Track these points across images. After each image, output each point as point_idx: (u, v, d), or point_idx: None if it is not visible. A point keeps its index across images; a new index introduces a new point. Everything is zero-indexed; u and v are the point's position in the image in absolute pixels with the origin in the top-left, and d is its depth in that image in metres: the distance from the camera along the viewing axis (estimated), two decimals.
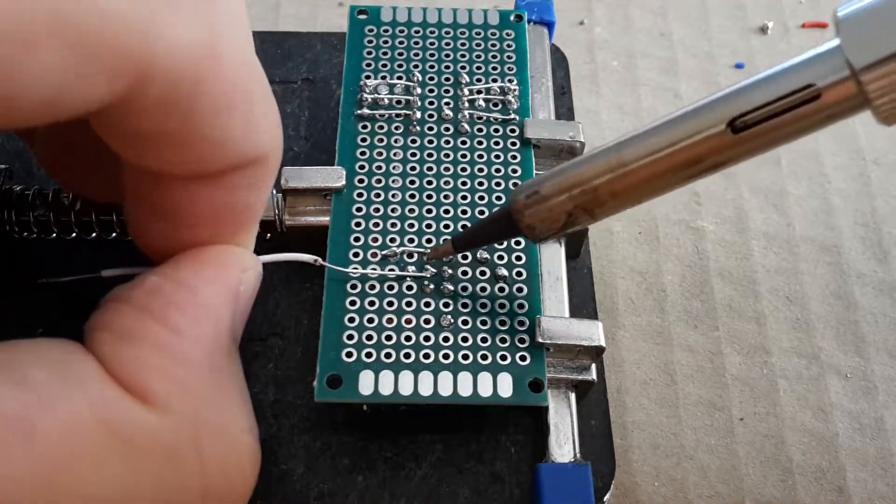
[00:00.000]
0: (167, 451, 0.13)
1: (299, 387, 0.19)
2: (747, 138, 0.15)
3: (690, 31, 0.31)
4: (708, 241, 0.26)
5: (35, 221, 0.20)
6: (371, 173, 0.21)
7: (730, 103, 0.15)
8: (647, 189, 0.16)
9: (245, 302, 0.16)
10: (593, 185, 0.16)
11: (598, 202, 0.17)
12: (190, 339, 0.14)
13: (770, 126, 0.14)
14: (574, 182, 0.17)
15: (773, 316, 0.24)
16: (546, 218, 0.17)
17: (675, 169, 0.15)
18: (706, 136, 0.15)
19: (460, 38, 0.23)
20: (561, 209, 0.17)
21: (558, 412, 0.18)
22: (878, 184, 0.27)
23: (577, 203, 0.17)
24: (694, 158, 0.15)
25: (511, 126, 0.22)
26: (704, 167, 0.15)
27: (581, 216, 0.17)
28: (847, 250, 0.26)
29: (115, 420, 0.13)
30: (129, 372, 0.14)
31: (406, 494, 0.18)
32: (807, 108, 0.14)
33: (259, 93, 0.15)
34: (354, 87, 0.22)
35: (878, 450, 0.22)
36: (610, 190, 0.16)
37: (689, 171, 0.15)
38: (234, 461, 0.15)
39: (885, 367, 0.24)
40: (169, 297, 0.15)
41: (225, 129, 0.14)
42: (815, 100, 0.14)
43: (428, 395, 0.18)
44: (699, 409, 0.23)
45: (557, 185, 0.17)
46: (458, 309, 0.19)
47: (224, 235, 0.16)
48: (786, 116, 0.14)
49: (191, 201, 0.15)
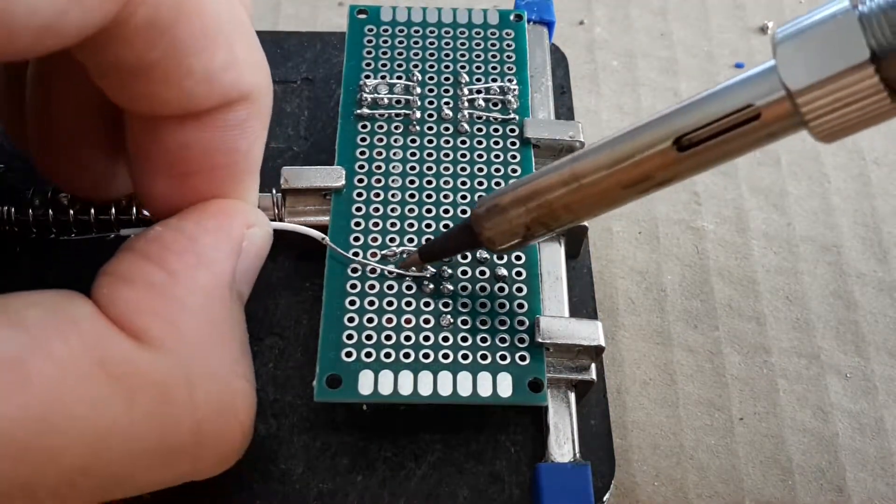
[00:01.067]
0: (159, 387, 0.14)
1: (299, 387, 0.19)
2: (692, 155, 0.15)
3: (690, 31, 0.31)
4: (708, 241, 0.26)
5: (34, 221, 0.20)
6: (371, 173, 0.21)
7: (675, 121, 0.15)
8: (600, 203, 0.16)
9: (251, 260, 0.17)
10: (548, 199, 0.17)
11: (553, 216, 0.17)
12: (185, 282, 0.15)
13: (713, 144, 0.15)
14: (530, 195, 0.17)
15: (773, 316, 0.24)
16: (506, 231, 0.17)
17: (624, 184, 0.16)
18: (652, 154, 0.15)
19: (460, 38, 0.23)
20: (519, 222, 0.17)
21: (558, 412, 0.18)
22: (878, 184, 0.27)
23: (533, 216, 0.17)
24: (642, 175, 0.15)
25: (511, 126, 0.22)
26: (653, 183, 0.16)
27: (538, 229, 0.17)
28: (847, 250, 0.26)
29: (109, 358, 0.13)
30: (123, 311, 0.14)
31: (406, 494, 0.18)
32: (747, 126, 0.14)
33: (240, 30, 0.15)
34: (354, 86, 0.22)
35: (878, 450, 0.22)
36: (564, 204, 0.17)
37: (638, 186, 0.16)
38: (226, 404, 0.15)
39: (885, 367, 0.24)
40: (168, 244, 0.15)
41: (207, 62, 0.14)
42: (755, 119, 0.14)
43: (427, 395, 0.18)
44: (699, 409, 0.23)
45: (515, 199, 0.17)
46: (458, 309, 0.19)
47: (222, 187, 0.16)
48: (728, 135, 0.14)
49: (183, 145, 0.16)
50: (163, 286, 0.14)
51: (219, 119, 0.15)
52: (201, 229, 0.16)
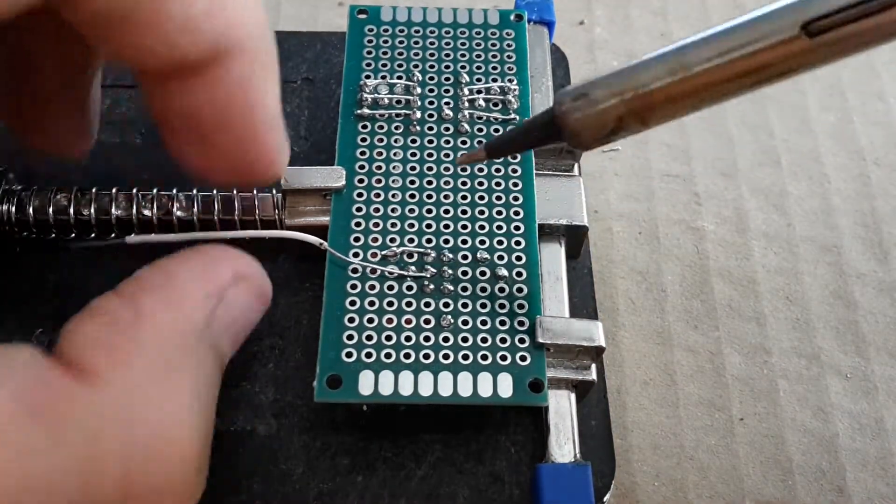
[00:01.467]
0: (90, 426, 0.13)
1: (299, 387, 0.19)
2: (823, 44, 0.14)
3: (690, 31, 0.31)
4: (708, 241, 0.26)
5: (34, 221, 0.20)
6: (371, 173, 0.21)
7: (805, 5, 0.14)
8: (708, 96, 0.15)
9: (235, 312, 0.16)
10: (650, 89, 0.15)
11: (651, 108, 0.15)
12: (148, 321, 0.14)
13: (849, 32, 0.13)
14: (628, 85, 0.15)
15: (773, 316, 0.24)
16: (594, 123, 0.16)
17: (740, 75, 0.15)
18: (778, 41, 0.14)
19: (460, 38, 0.23)
20: (611, 114, 0.16)
21: (558, 412, 0.18)
22: (878, 184, 0.27)
23: (629, 107, 0.16)
24: (762, 64, 0.14)
25: (511, 126, 0.22)
26: (772, 73, 0.14)
27: (632, 122, 0.16)
28: (847, 250, 0.26)
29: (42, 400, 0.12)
30: (75, 345, 0.13)
31: (406, 494, 0.18)
32: (892, 12, 0.13)
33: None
34: (354, 86, 0.22)
35: (878, 450, 0.22)
36: (667, 94, 0.15)
37: (755, 77, 0.14)
38: (161, 456, 0.14)
39: (885, 367, 0.24)
40: (143, 281, 0.15)
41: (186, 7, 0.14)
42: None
43: (428, 396, 0.18)
44: (699, 409, 0.23)
45: (609, 88, 0.16)
46: (458, 309, 0.19)
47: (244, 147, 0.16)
48: (868, 22, 0.13)
49: (189, 105, 0.15)
50: (124, 323, 0.14)
51: (215, 75, 0.15)
52: (182, 270, 0.15)
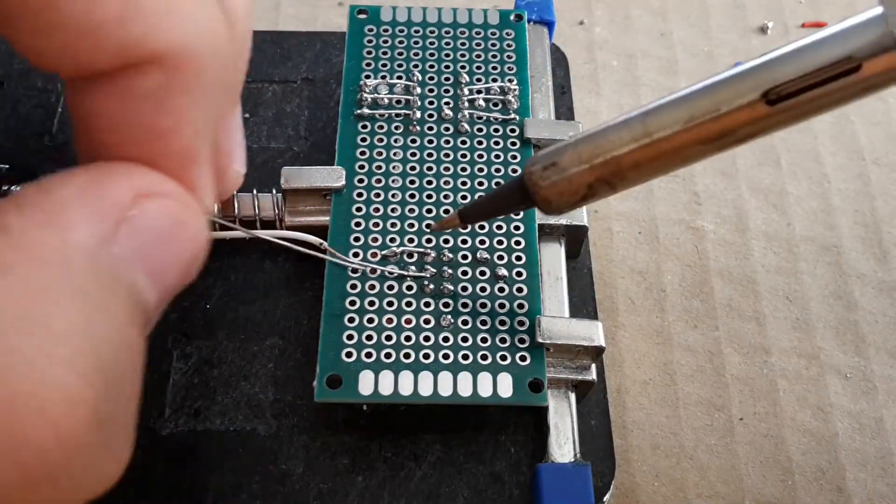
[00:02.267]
0: None
1: (299, 387, 0.19)
2: (782, 110, 0.14)
3: (690, 31, 0.31)
4: (708, 241, 0.26)
5: None
6: (371, 173, 0.21)
7: (764, 73, 0.14)
8: (673, 161, 0.15)
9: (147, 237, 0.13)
10: (615, 156, 0.15)
11: (619, 174, 0.16)
12: (16, 240, 0.12)
13: (806, 98, 0.14)
14: (595, 152, 0.16)
15: (773, 316, 0.24)
16: (565, 190, 0.16)
17: (703, 140, 0.15)
18: (739, 107, 0.14)
19: (460, 38, 0.23)
20: (581, 181, 0.16)
21: (558, 412, 0.18)
22: (878, 184, 0.27)
23: (597, 175, 0.16)
24: (725, 130, 0.15)
25: (511, 126, 0.22)
26: (734, 139, 0.15)
27: (602, 188, 0.16)
28: (847, 250, 0.26)
29: None
30: None
31: (406, 494, 0.18)
32: (845, 80, 0.13)
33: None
34: (354, 86, 0.22)
35: (878, 450, 0.22)
36: (633, 161, 0.15)
37: (718, 142, 0.15)
38: (29, 391, 0.11)
39: (885, 367, 0.24)
40: (21, 197, 0.12)
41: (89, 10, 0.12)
42: (854, 71, 0.13)
43: (428, 396, 0.18)
44: (699, 409, 0.23)
45: (577, 155, 0.16)
46: (458, 309, 0.19)
47: None
48: (823, 88, 0.14)
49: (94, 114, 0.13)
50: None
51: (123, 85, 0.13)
52: (63, 185, 0.12)
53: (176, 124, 0.13)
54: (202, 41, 0.13)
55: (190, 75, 0.13)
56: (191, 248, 0.14)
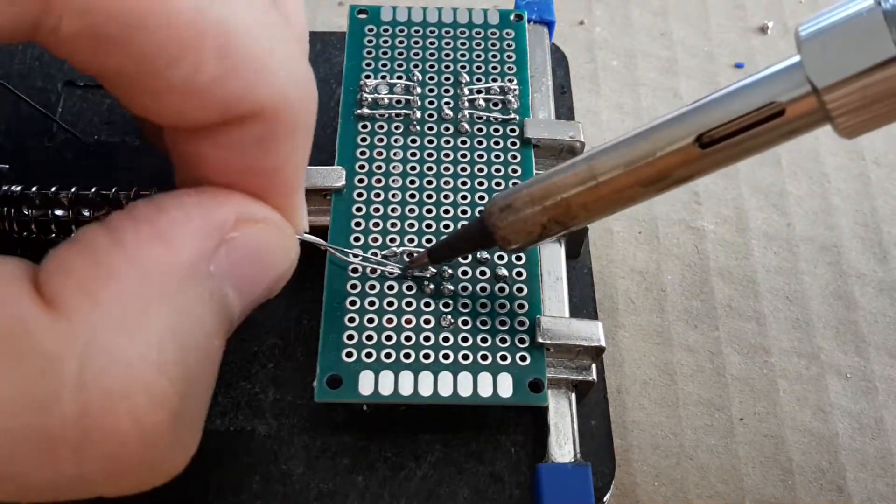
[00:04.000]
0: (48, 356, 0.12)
1: (299, 387, 0.19)
2: (714, 153, 0.15)
3: (690, 31, 0.31)
4: (708, 241, 0.26)
5: (34, 221, 0.20)
6: (371, 173, 0.21)
7: (696, 119, 0.15)
8: (618, 202, 0.16)
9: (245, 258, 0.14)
10: (565, 198, 0.17)
11: (570, 214, 0.17)
12: (128, 252, 0.13)
13: (736, 141, 0.15)
14: (546, 193, 0.17)
15: (773, 316, 0.24)
16: (521, 230, 0.17)
17: (643, 182, 0.16)
18: (674, 151, 0.15)
19: (460, 38, 0.23)
20: (535, 221, 0.17)
21: (558, 412, 0.18)
22: (878, 184, 0.27)
23: (550, 215, 0.17)
24: (662, 172, 0.16)
25: (511, 126, 0.22)
26: (672, 181, 0.16)
27: (554, 227, 0.17)
28: (847, 250, 0.26)
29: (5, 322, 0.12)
30: (49, 272, 0.13)
31: (406, 494, 0.18)
32: (771, 123, 0.14)
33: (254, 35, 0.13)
34: (354, 86, 0.22)
35: (878, 450, 0.22)
36: (581, 202, 0.17)
37: (657, 184, 0.16)
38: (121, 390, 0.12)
39: (885, 367, 0.24)
40: (134, 212, 0.14)
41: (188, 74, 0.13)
42: (779, 115, 0.14)
43: (428, 396, 0.18)
44: (699, 409, 0.23)
45: (530, 197, 0.17)
46: (458, 309, 0.19)
47: None
48: (751, 132, 0.15)
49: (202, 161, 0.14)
50: (101, 251, 0.13)
51: (230, 136, 0.14)
52: (175, 203, 0.14)
53: (278, 166, 0.15)
54: (296, 91, 0.14)
55: (288, 123, 0.14)
56: (280, 267, 0.15)
